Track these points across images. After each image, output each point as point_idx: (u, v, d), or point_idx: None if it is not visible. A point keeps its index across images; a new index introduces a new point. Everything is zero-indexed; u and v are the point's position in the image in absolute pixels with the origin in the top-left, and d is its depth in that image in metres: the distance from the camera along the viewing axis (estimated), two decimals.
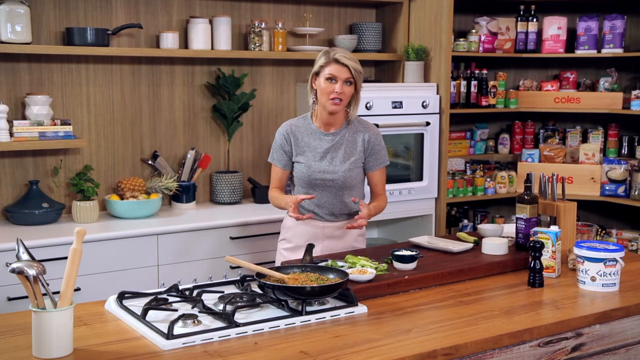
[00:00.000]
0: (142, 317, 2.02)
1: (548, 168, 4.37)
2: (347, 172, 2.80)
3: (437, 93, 4.17)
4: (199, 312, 2.08)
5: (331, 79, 2.71)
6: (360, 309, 2.18)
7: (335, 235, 2.88)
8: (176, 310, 2.10)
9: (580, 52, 4.52)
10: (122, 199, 3.57)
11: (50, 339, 1.78)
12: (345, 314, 2.14)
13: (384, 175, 2.91)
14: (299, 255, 2.82)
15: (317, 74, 2.77)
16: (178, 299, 2.20)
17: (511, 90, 4.63)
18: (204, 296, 2.23)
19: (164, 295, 2.21)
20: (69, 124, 3.45)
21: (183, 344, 1.87)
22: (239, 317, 2.05)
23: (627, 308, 2.29)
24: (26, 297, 1.87)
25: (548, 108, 4.60)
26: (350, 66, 2.71)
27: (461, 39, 4.35)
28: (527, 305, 2.27)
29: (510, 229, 3.01)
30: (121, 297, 2.21)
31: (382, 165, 2.88)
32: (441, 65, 4.15)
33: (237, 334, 1.95)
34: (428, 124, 4.08)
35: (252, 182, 4.04)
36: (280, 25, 3.99)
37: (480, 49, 4.42)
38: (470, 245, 2.84)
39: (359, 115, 2.96)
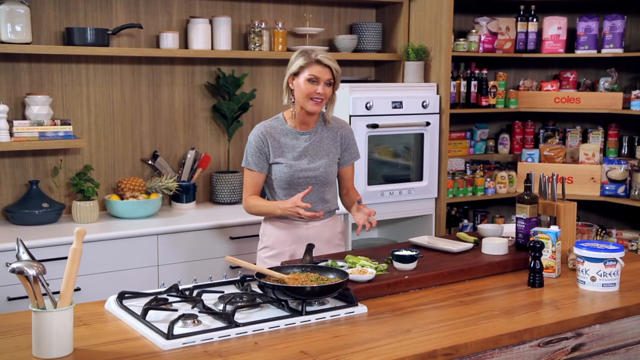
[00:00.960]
0: (142, 317, 2.02)
1: (548, 168, 4.37)
2: (327, 167, 2.82)
3: (437, 93, 4.17)
4: (199, 312, 2.08)
5: (313, 80, 2.69)
6: (360, 309, 2.17)
7: (321, 235, 2.87)
8: (176, 310, 2.10)
9: (580, 52, 4.52)
10: (122, 199, 3.57)
11: (50, 339, 1.78)
12: (345, 314, 2.14)
13: (354, 169, 2.98)
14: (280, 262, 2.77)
15: (295, 74, 2.74)
16: (178, 299, 2.20)
17: (511, 90, 4.64)
18: (204, 296, 2.23)
19: (164, 295, 2.21)
20: (69, 124, 3.45)
21: (183, 344, 1.87)
22: (239, 317, 2.05)
23: (627, 308, 2.29)
24: (26, 297, 1.87)
25: (548, 108, 4.60)
26: (332, 67, 2.71)
27: (461, 39, 4.35)
28: (527, 305, 2.27)
29: (510, 229, 3.02)
30: (121, 297, 2.21)
31: (355, 160, 2.94)
32: (441, 65, 4.15)
33: (237, 334, 1.95)
34: (428, 124, 4.08)
35: None
36: (280, 25, 3.99)
37: (480, 49, 4.42)
38: (470, 245, 2.84)
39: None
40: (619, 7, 4.56)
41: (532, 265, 2.46)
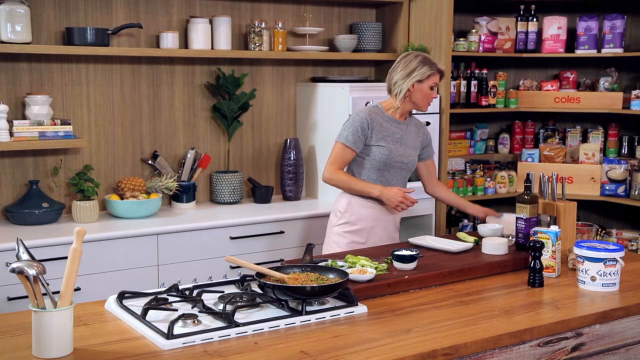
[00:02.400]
0: (142, 317, 2.02)
1: (548, 168, 4.37)
2: (415, 157, 3.17)
3: (437, 93, 4.17)
4: (199, 312, 2.08)
5: (433, 87, 3.08)
6: (360, 308, 2.18)
7: (395, 217, 3.19)
8: (176, 310, 2.10)
9: (580, 52, 4.52)
10: (122, 198, 3.57)
11: (50, 339, 1.78)
12: (345, 313, 2.14)
13: (435, 163, 3.39)
14: (362, 238, 3.07)
15: (420, 81, 3.05)
16: (178, 298, 2.20)
17: (511, 90, 4.63)
18: (204, 296, 2.23)
19: (164, 295, 2.21)
20: (69, 124, 3.45)
21: (183, 343, 1.87)
22: (239, 317, 2.05)
23: (627, 308, 2.29)
24: (26, 297, 1.87)
25: (548, 108, 4.60)
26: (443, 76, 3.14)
27: (461, 39, 4.35)
28: (527, 305, 2.27)
29: (510, 218, 3.03)
30: (121, 297, 2.21)
31: (433, 155, 3.34)
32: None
33: (237, 333, 1.95)
34: (428, 123, 4.08)
35: (252, 182, 4.04)
36: (280, 25, 3.99)
37: (480, 48, 4.42)
38: (470, 245, 2.84)
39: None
40: (619, 7, 4.56)
41: (532, 265, 2.46)
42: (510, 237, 2.91)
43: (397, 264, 2.51)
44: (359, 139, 3.02)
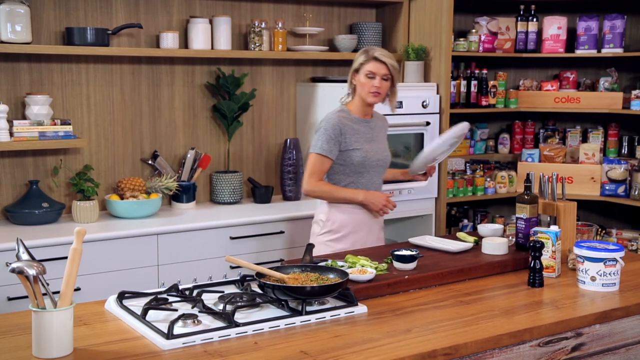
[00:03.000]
0: (142, 317, 2.02)
1: (548, 168, 4.37)
2: (388, 151, 3.16)
3: (437, 93, 4.17)
4: (199, 312, 2.08)
5: (370, 75, 2.98)
6: (360, 308, 2.18)
7: (378, 222, 3.15)
8: (176, 310, 2.10)
9: (580, 52, 4.52)
10: (122, 198, 3.57)
11: (50, 339, 1.78)
12: (345, 313, 2.14)
13: None
14: (346, 244, 3.02)
15: (357, 70, 3.04)
16: (178, 298, 2.20)
17: (511, 90, 4.63)
18: (204, 296, 2.23)
19: (164, 295, 2.21)
20: (69, 124, 3.45)
21: (183, 343, 1.87)
22: (239, 317, 2.05)
23: (627, 308, 2.29)
24: (26, 297, 1.87)
25: (548, 108, 4.60)
26: (388, 63, 2.99)
27: (461, 39, 4.35)
28: (527, 305, 2.27)
29: (428, 148, 3.17)
30: (121, 297, 2.21)
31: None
32: (441, 65, 4.15)
33: (237, 333, 1.95)
34: (428, 123, 4.08)
35: (252, 182, 4.04)
36: (280, 25, 3.99)
37: (480, 48, 4.42)
38: (470, 245, 2.84)
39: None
40: (619, 7, 4.56)
41: (532, 265, 2.46)
42: (435, 160, 3.16)
43: (397, 264, 2.51)
44: (334, 147, 2.97)
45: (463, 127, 3.09)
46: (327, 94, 4.02)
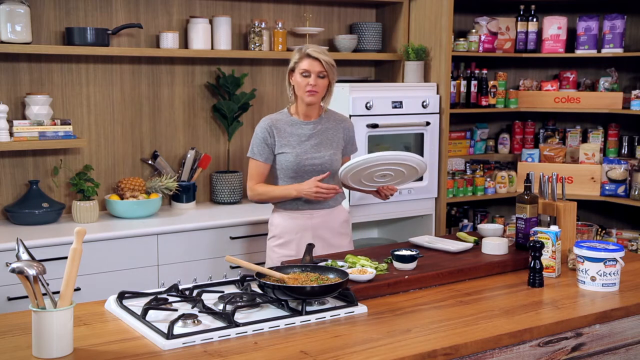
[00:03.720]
0: (142, 317, 2.02)
1: (548, 168, 4.37)
2: (332, 156, 2.96)
3: (437, 93, 4.17)
4: (199, 312, 2.08)
5: (305, 74, 2.87)
6: (360, 308, 2.18)
7: (326, 223, 2.98)
8: (176, 310, 2.10)
9: (580, 52, 4.52)
10: (122, 198, 3.57)
11: (50, 339, 1.78)
12: (345, 313, 2.14)
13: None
14: (291, 250, 2.92)
15: (292, 70, 2.92)
16: (178, 298, 2.20)
17: (511, 90, 4.63)
18: (204, 296, 2.23)
19: (164, 295, 2.21)
20: (69, 124, 3.45)
21: (183, 343, 1.87)
22: (239, 317, 2.05)
23: (627, 308, 2.29)
24: (26, 297, 1.87)
25: (548, 108, 4.60)
26: (322, 60, 2.86)
27: (461, 39, 4.35)
28: (527, 305, 2.27)
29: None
30: (121, 297, 2.21)
31: (354, 153, 3.12)
32: (441, 65, 4.15)
33: (237, 333, 1.95)
34: (428, 123, 4.08)
35: None
36: (280, 25, 3.99)
37: (480, 48, 4.42)
38: (470, 245, 2.84)
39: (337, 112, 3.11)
40: (619, 7, 4.55)
41: (532, 265, 2.46)
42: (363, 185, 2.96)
43: (397, 264, 2.51)
44: (264, 150, 2.93)
45: (408, 157, 2.86)
46: None
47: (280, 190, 2.94)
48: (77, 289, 3.03)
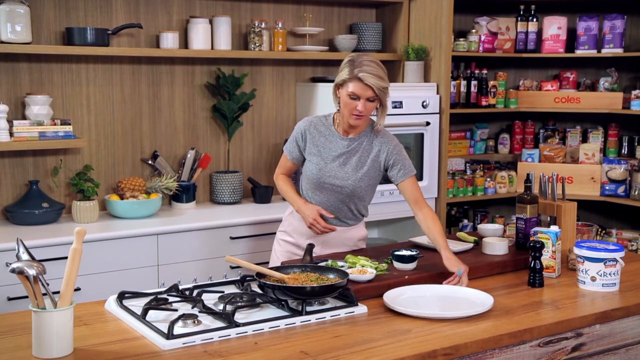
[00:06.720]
0: (142, 317, 2.02)
1: (548, 168, 4.37)
2: (358, 181, 2.71)
3: (437, 93, 4.17)
4: (199, 312, 2.08)
5: (353, 97, 2.57)
6: (360, 309, 2.18)
7: (339, 240, 2.83)
8: (176, 310, 2.11)
9: (580, 52, 4.52)
10: (122, 198, 3.56)
11: (51, 339, 1.78)
12: (345, 314, 2.14)
13: (416, 184, 2.71)
14: (297, 249, 2.86)
15: (340, 85, 2.63)
16: (178, 299, 2.20)
17: (511, 90, 4.64)
18: (204, 296, 2.23)
19: (164, 295, 2.21)
20: (69, 124, 3.45)
21: (183, 344, 1.87)
22: (239, 317, 2.05)
23: (627, 308, 2.29)
24: (26, 297, 1.87)
25: (548, 108, 4.60)
26: (375, 86, 2.54)
27: (461, 39, 4.35)
28: (527, 305, 2.27)
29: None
30: (121, 297, 2.21)
31: (409, 175, 2.70)
32: (441, 65, 4.15)
33: (237, 334, 1.95)
34: (428, 123, 4.08)
35: (252, 182, 4.04)
36: (280, 25, 3.99)
37: (480, 48, 4.42)
38: (470, 245, 2.84)
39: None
40: (619, 7, 4.56)
41: (532, 265, 2.47)
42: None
43: (397, 264, 2.51)
44: (294, 149, 2.80)
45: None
46: (327, 94, 4.00)
47: (290, 196, 2.83)
48: (77, 289, 3.03)
